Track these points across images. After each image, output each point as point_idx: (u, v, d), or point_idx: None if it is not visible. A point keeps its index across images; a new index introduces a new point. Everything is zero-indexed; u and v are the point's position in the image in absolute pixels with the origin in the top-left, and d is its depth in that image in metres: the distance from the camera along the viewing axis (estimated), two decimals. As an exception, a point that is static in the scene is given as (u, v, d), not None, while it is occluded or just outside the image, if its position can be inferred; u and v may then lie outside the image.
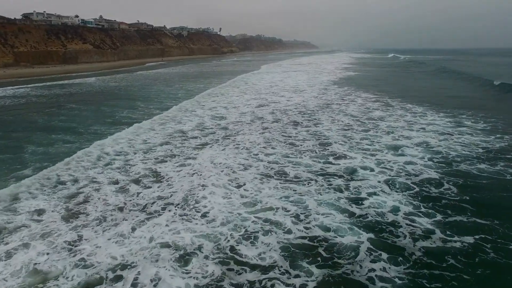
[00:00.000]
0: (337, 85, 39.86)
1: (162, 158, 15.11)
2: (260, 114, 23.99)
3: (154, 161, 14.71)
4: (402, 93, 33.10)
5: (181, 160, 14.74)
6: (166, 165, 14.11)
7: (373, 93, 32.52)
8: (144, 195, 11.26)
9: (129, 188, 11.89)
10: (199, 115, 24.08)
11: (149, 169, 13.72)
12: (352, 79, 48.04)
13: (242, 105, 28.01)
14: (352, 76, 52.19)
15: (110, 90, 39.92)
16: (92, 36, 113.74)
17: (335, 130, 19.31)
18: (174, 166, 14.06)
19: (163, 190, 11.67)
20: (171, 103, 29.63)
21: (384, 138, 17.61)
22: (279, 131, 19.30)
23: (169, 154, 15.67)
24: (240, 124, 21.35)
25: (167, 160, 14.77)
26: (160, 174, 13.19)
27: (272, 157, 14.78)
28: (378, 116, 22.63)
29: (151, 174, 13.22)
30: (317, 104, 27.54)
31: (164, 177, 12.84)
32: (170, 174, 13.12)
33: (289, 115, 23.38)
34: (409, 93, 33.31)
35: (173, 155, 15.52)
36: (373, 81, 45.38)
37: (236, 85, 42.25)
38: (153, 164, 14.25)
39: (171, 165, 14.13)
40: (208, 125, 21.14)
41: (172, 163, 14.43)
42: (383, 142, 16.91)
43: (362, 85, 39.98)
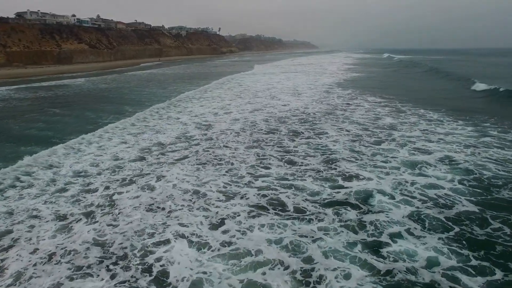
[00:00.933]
0: (340, 87, 37.19)
1: (127, 180, 12.37)
2: (253, 122, 21.20)
3: (116, 184, 12.01)
4: (412, 96, 30.43)
5: (144, 184, 11.96)
6: (128, 189, 11.47)
7: (381, 96, 29.82)
8: (85, 238, 8.57)
9: (73, 226, 9.24)
10: (184, 122, 21.45)
11: (106, 197, 11.02)
12: (354, 80, 45.33)
13: (235, 110, 25.18)
14: (354, 78, 49.49)
15: (98, 93, 37.28)
16: (88, 36, 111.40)
17: (342, 142, 16.67)
18: (134, 191, 11.31)
19: (103, 234, 8.79)
20: (170, 107, 27.09)
21: (399, 152, 14.96)
22: (274, 143, 16.54)
23: (137, 174, 12.94)
24: (229, 133, 18.59)
25: (132, 183, 12.07)
26: (115, 203, 10.49)
27: (265, 180, 12.01)
28: (389, 124, 19.99)
29: (107, 203, 10.55)
30: (319, 109, 24.85)
31: (117, 208, 10.15)
32: (125, 204, 10.40)
33: (287, 123, 20.67)
34: (419, 95, 30.66)
35: (141, 174, 12.85)
36: (378, 82, 42.73)
37: (231, 86, 39.52)
38: (112, 190, 11.56)
39: (133, 191, 11.38)
40: (192, 135, 18.44)
41: (134, 187, 11.70)
42: (399, 157, 14.27)
43: (366, 87, 37.31)
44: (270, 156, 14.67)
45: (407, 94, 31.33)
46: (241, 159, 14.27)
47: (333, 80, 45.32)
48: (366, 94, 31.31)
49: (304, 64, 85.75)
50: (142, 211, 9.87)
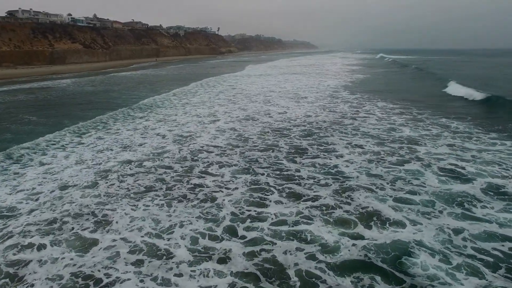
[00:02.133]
0: (342, 90, 34.10)
1: (57, 223, 9.22)
2: (245, 134, 18.10)
3: (38, 232, 8.86)
4: (427, 101, 27.38)
5: (75, 237, 8.61)
6: (52, 239, 8.36)
7: (392, 101, 26.78)
8: None
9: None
10: (162, 134, 18.39)
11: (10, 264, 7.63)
12: (353, 82, 42.29)
13: (224, 118, 21.95)
14: (350, 78, 46.43)
15: (82, 96, 34.14)
16: (82, 36, 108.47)
17: (356, 162, 13.60)
18: (55, 251, 7.96)
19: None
20: (144, 113, 23.91)
21: (428, 176, 11.95)
22: (271, 165, 13.46)
23: (75, 213, 9.74)
24: (213, 151, 15.49)
25: (60, 230, 8.88)
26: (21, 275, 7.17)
27: (257, 228, 8.96)
28: (409, 137, 16.93)
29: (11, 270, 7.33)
30: (325, 118, 21.80)
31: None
32: (36, 277, 7.06)
33: (287, 136, 17.59)
34: (434, 101, 27.59)
35: (79, 214, 9.68)
36: (381, 85, 39.65)
37: (223, 89, 36.34)
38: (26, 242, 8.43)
39: (54, 249, 8.07)
40: (167, 150, 15.42)
41: (62, 239, 8.49)
42: (430, 185, 11.24)
43: (371, 91, 34.22)
44: (265, 186, 11.58)
45: (417, 98, 28.25)
46: (226, 192, 11.18)
47: (330, 81, 42.22)
48: (372, 98, 28.23)
49: (304, 65, 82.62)
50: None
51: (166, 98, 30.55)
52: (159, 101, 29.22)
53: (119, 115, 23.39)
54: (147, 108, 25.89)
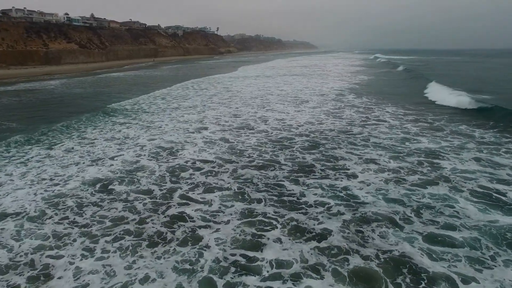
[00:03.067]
0: (352, 94, 31.78)
1: None
2: (239, 145, 15.72)
3: None
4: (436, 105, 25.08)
5: None
6: None
7: (404, 107, 24.44)
8: None
9: None
10: (141, 144, 16.07)
11: None
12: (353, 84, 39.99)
13: (215, 126, 19.45)
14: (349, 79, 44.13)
15: (67, 99, 31.77)
16: (78, 35, 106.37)
17: (371, 183, 11.29)
18: None
19: None
20: (128, 119, 21.53)
21: (463, 204, 9.65)
22: (270, 188, 11.15)
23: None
24: (200, 167, 13.17)
25: None
26: None
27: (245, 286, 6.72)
28: (427, 149, 14.62)
29: None
30: (330, 126, 19.47)
31: None
32: None
33: (288, 148, 15.25)
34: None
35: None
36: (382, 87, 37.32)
37: (216, 92, 33.86)
38: None
39: None
40: (144, 167, 13.05)
41: None
42: (469, 216, 8.96)
43: (377, 93, 31.90)
44: (262, 217, 9.27)
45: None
46: (213, 227, 8.87)
47: (332, 84, 39.90)
48: (380, 103, 25.89)
49: (303, 66, 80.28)
50: None
51: (154, 102, 28.19)
52: (146, 105, 26.82)
53: (100, 122, 21.08)
54: (132, 113, 23.52)
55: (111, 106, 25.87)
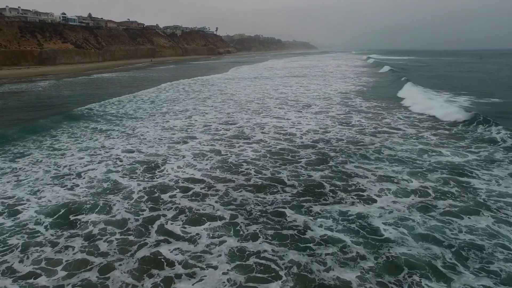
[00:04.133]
0: (359, 97, 29.70)
1: None
2: (233, 159, 13.52)
3: None
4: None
5: None
6: None
7: (416, 113, 22.35)
8: None
9: None
10: (116, 156, 13.92)
11: None
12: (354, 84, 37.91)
13: (205, 135, 17.17)
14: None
15: (53, 102, 29.64)
16: (74, 35, 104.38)
17: (394, 210, 9.22)
18: None
19: None
20: (110, 125, 19.38)
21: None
22: (269, 219, 9.08)
23: None
24: (185, 188, 11.08)
25: None
26: None
27: None
28: (452, 163, 12.58)
29: None
30: (337, 134, 17.39)
31: None
32: None
33: (292, 164, 13.15)
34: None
35: None
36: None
37: (210, 95, 31.59)
38: None
39: None
40: (117, 189, 10.91)
41: None
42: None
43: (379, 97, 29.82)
44: (258, 259, 7.22)
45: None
46: (197, 275, 6.83)
47: (333, 86, 37.85)
48: (389, 107, 23.81)
49: (301, 67, 78.27)
50: None
51: (141, 106, 25.96)
52: (132, 109, 24.62)
53: (79, 127, 19.00)
54: (115, 118, 21.35)
55: (95, 110, 23.75)
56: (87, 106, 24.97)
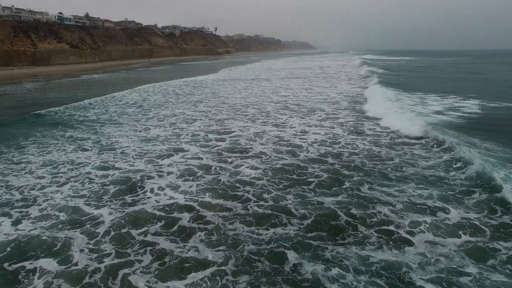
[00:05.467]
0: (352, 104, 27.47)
1: None
2: (226, 179, 11.29)
3: None
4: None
5: None
6: None
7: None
8: None
9: None
10: (86, 175, 11.41)
11: None
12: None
13: (195, 146, 14.78)
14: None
15: (35, 107, 27.37)
16: (70, 35, 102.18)
17: (436, 258, 6.98)
18: None
19: None
20: (88, 133, 17.08)
21: None
22: (263, 265, 6.89)
23: None
24: (165, 223, 8.83)
25: None
26: None
27: None
28: (489, 180, 10.34)
29: None
30: (349, 147, 15.14)
31: None
32: None
33: (297, 185, 10.92)
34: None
35: None
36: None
37: (202, 98, 29.03)
38: None
39: None
40: (79, 221, 8.67)
41: None
42: None
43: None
44: None
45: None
46: None
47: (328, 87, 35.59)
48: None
49: (300, 68, 76.09)
50: None
51: (126, 111, 23.54)
52: (117, 114, 22.18)
53: (50, 137, 16.60)
54: (95, 125, 18.95)
55: (76, 115, 21.48)
56: (65, 109, 22.75)
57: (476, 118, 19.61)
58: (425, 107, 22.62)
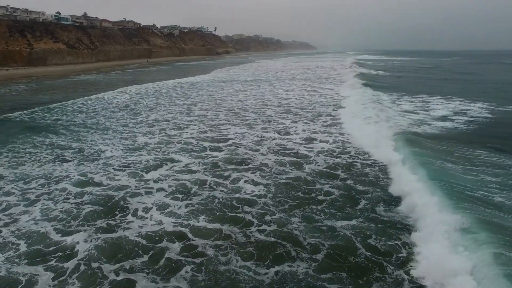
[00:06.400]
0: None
1: None
2: (222, 195, 9.84)
3: None
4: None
5: None
6: None
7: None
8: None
9: None
10: (60, 193, 9.61)
11: None
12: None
13: (185, 157, 13.18)
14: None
15: (25, 109, 25.82)
16: (67, 35, 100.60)
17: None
18: None
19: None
20: (74, 142, 15.52)
21: None
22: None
23: None
24: (152, 261, 7.38)
25: None
26: None
27: None
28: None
29: None
30: (360, 157, 13.61)
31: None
32: None
33: (306, 204, 9.44)
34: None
35: None
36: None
37: (199, 101, 27.43)
38: None
39: None
40: (46, 261, 7.13)
41: None
42: None
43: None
44: None
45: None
46: None
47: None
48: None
49: (300, 68, 74.63)
50: None
51: (115, 115, 21.78)
52: (105, 119, 20.48)
53: (28, 144, 15.02)
54: (80, 131, 17.37)
55: (62, 120, 19.92)
56: (51, 113, 21.19)
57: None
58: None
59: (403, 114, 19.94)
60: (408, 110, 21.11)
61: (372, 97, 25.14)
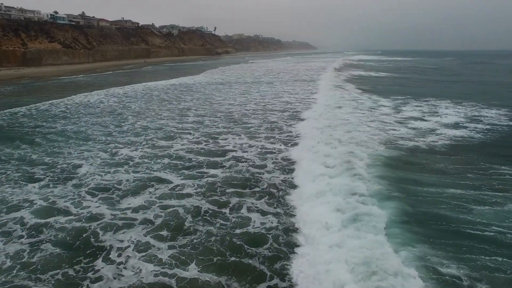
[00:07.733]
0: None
1: None
2: (219, 236, 7.84)
3: None
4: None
5: None
6: None
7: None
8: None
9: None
10: (21, 226, 7.52)
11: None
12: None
13: (175, 177, 11.20)
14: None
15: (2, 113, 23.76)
16: (63, 34, 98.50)
17: None
18: None
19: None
20: (49, 157, 13.43)
21: None
22: None
23: None
24: None
25: None
26: None
27: None
28: None
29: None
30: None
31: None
32: None
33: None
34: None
35: None
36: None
37: (192, 105, 25.38)
38: None
39: None
40: None
41: None
42: None
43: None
44: None
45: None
46: None
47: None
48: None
49: (299, 69, 72.57)
50: None
51: (98, 121, 19.52)
52: (88, 125, 18.38)
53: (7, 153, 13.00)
54: (59, 141, 15.30)
55: (42, 126, 17.86)
56: (31, 118, 19.12)
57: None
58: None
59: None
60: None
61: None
